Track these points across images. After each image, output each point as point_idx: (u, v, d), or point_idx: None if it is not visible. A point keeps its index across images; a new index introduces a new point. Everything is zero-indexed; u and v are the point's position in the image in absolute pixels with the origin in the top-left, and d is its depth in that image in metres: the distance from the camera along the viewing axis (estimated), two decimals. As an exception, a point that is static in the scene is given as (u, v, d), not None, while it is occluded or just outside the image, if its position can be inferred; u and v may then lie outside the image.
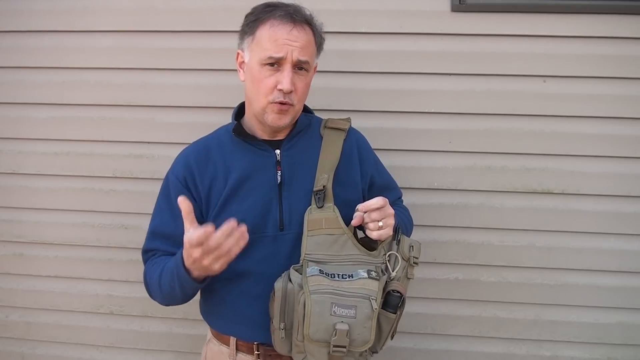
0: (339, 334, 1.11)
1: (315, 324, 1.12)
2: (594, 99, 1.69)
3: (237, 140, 1.30)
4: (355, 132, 1.42)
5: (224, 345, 1.33)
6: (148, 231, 1.32)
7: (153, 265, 1.27)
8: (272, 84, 1.21)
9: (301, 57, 1.21)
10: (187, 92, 1.79)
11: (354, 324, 1.12)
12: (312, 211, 1.24)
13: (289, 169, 1.28)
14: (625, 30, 1.65)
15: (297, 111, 1.28)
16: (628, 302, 1.77)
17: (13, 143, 1.88)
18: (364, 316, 1.13)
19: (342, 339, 1.12)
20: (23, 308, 1.97)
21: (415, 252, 1.25)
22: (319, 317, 1.12)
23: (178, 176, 1.29)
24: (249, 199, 1.26)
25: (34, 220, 1.91)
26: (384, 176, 1.46)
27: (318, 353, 1.15)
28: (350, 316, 1.12)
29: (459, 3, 1.66)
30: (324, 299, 1.13)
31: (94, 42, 1.80)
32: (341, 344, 1.12)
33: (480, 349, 1.84)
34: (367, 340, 1.13)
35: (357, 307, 1.13)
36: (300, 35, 1.21)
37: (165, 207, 1.29)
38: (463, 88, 1.72)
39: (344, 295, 1.14)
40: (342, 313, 1.12)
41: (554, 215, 1.75)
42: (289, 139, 1.31)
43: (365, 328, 1.13)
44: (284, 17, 1.21)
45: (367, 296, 1.14)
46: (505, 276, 1.80)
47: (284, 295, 1.16)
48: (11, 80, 1.85)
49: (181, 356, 1.93)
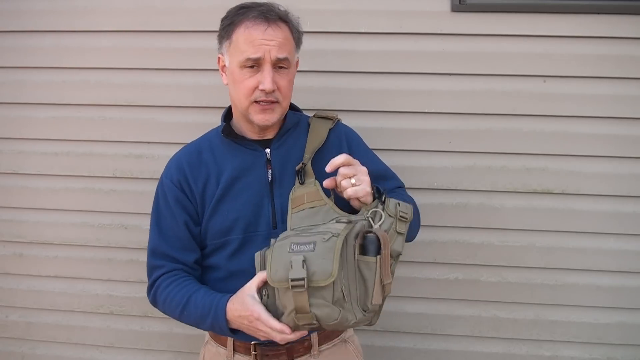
0: (294, 266, 1.06)
1: (274, 265, 1.09)
2: (594, 99, 1.69)
3: (227, 141, 1.31)
4: (345, 126, 1.42)
5: (222, 346, 1.34)
6: (153, 237, 1.31)
7: (177, 286, 1.26)
8: (253, 85, 1.22)
9: (279, 55, 1.22)
10: (187, 92, 1.79)
11: (311, 256, 1.06)
12: (296, 190, 1.24)
13: (279, 167, 1.29)
14: (625, 30, 1.64)
15: (285, 108, 1.28)
16: (628, 302, 1.77)
17: (13, 143, 1.88)
18: (323, 248, 1.07)
19: (298, 270, 1.05)
20: (23, 308, 1.97)
21: (403, 208, 1.20)
22: (278, 257, 1.09)
23: (173, 180, 1.30)
24: (241, 198, 1.27)
25: (34, 220, 1.91)
26: (377, 165, 1.41)
27: (285, 297, 1.09)
28: (308, 250, 1.07)
29: (459, 3, 1.66)
30: (285, 243, 1.11)
31: (94, 42, 1.80)
32: (298, 277, 1.05)
33: (480, 349, 1.84)
34: (329, 272, 1.05)
35: (315, 242, 1.08)
36: (275, 33, 1.22)
37: (168, 213, 1.30)
38: (463, 88, 1.72)
39: (305, 237, 1.11)
40: (300, 249, 1.08)
41: (554, 215, 1.75)
42: (278, 137, 1.32)
43: (325, 260, 1.06)
44: (257, 17, 1.22)
45: (327, 232, 1.10)
46: (505, 276, 1.80)
47: (262, 261, 1.15)
48: (11, 80, 1.85)
49: (181, 356, 1.93)
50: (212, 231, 1.29)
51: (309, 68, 1.69)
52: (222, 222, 1.28)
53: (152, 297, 1.32)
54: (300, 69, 1.36)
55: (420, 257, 1.78)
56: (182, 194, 1.29)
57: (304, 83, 1.67)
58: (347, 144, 1.36)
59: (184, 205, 1.29)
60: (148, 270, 1.32)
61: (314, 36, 1.70)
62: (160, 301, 1.29)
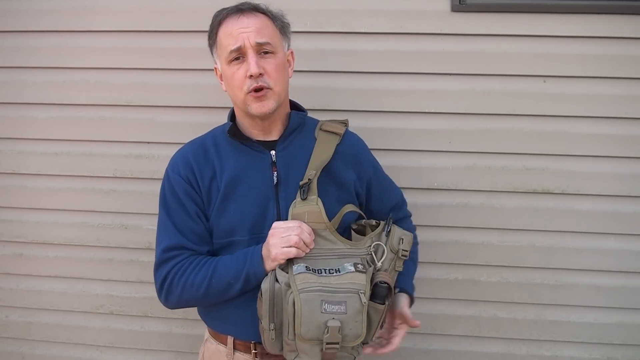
0: (331, 331, 1.11)
1: (306, 323, 1.12)
2: (594, 99, 1.69)
3: (232, 141, 1.31)
4: (353, 135, 1.42)
5: (222, 344, 1.34)
6: (167, 230, 1.28)
7: (197, 264, 1.25)
8: (243, 75, 1.23)
9: (258, 40, 1.23)
10: (187, 92, 1.79)
11: (345, 319, 1.12)
12: (297, 205, 1.24)
13: (284, 168, 1.29)
14: (625, 30, 1.65)
15: (279, 94, 1.26)
16: (628, 302, 1.77)
17: (13, 143, 1.88)
18: (354, 311, 1.13)
19: (334, 335, 1.12)
20: (23, 308, 1.97)
21: (405, 245, 1.25)
22: (310, 315, 1.12)
23: (180, 174, 1.29)
24: (246, 199, 1.27)
25: (34, 220, 1.91)
26: (393, 193, 1.47)
27: (311, 351, 1.15)
28: (341, 312, 1.12)
29: (459, 3, 1.66)
30: (314, 297, 1.12)
31: (95, 42, 1.80)
32: (334, 341, 1.12)
33: (480, 349, 1.84)
34: (359, 334, 1.14)
35: (347, 303, 1.13)
36: (250, 20, 1.24)
37: (178, 207, 1.28)
38: (463, 88, 1.72)
39: (332, 292, 1.14)
40: (332, 310, 1.12)
41: (554, 215, 1.75)
42: (283, 139, 1.32)
43: (357, 322, 1.13)
44: (231, 12, 1.26)
45: (355, 290, 1.14)
46: (505, 276, 1.80)
47: (271, 296, 1.16)
48: (12, 80, 1.85)
49: (181, 356, 1.93)
50: (217, 230, 1.29)
51: (309, 68, 1.69)
52: (227, 222, 1.27)
53: (167, 288, 1.26)
54: (300, 69, 1.36)
55: (420, 257, 1.76)
56: (190, 187, 1.28)
57: (304, 83, 1.68)
58: (355, 156, 1.37)
59: (194, 199, 1.28)
60: (157, 265, 1.28)
61: (314, 36, 1.70)
62: (179, 287, 1.25)
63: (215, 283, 1.23)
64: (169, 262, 1.26)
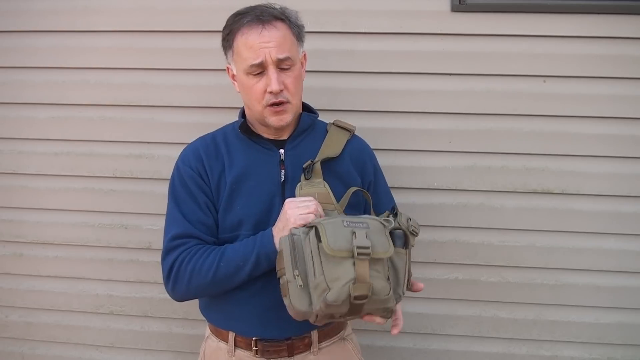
0: (359, 236, 1.07)
1: (332, 235, 1.07)
2: (594, 99, 1.69)
3: (242, 137, 1.33)
4: (361, 139, 1.44)
5: (223, 341, 1.34)
6: (176, 219, 1.27)
7: (205, 251, 1.24)
8: (262, 89, 1.24)
9: (279, 55, 1.23)
10: (187, 92, 1.79)
11: (369, 232, 1.09)
12: (303, 186, 1.24)
13: (292, 167, 1.30)
14: (625, 30, 1.65)
15: (296, 107, 1.30)
16: (628, 302, 1.77)
17: (13, 143, 1.88)
18: (376, 228, 1.11)
19: (362, 240, 1.07)
20: (23, 308, 1.97)
21: (414, 223, 1.22)
22: (334, 230, 1.08)
23: (191, 166, 1.30)
24: (253, 195, 1.28)
25: (34, 220, 1.91)
26: (381, 187, 1.45)
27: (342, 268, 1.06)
28: (364, 227, 1.09)
29: (459, 3, 1.66)
30: (336, 221, 1.10)
31: (95, 42, 1.80)
32: (364, 244, 1.06)
33: (480, 349, 1.84)
34: (387, 249, 1.09)
35: (368, 223, 1.11)
36: (272, 34, 1.23)
37: (188, 197, 1.28)
38: (463, 88, 1.72)
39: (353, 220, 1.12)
40: (354, 225, 1.09)
41: (554, 215, 1.75)
42: (292, 139, 1.33)
43: (381, 237, 1.10)
44: (252, 22, 1.24)
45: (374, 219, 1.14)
46: (505, 276, 1.80)
47: (292, 245, 1.12)
48: (12, 81, 1.85)
49: (181, 356, 1.93)
50: (222, 225, 1.29)
51: (309, 68, 1.67)
52: (233, 217, 1.28)
53: (175, 275, 1.24)
54: (300, 69, 1.36)
55: (420, 257, 1.78)
56: (200, 180, 1.29)
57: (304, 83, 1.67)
58: (360, 157, 1.38)
59: (204, 190, 1.29)
60: (164, 253, 1.27)
61: (314, 36, 1.69)
62: (186, 274, 1.23)
63: (223, 267, 1.21)
64: (177, 249, 1.25)
